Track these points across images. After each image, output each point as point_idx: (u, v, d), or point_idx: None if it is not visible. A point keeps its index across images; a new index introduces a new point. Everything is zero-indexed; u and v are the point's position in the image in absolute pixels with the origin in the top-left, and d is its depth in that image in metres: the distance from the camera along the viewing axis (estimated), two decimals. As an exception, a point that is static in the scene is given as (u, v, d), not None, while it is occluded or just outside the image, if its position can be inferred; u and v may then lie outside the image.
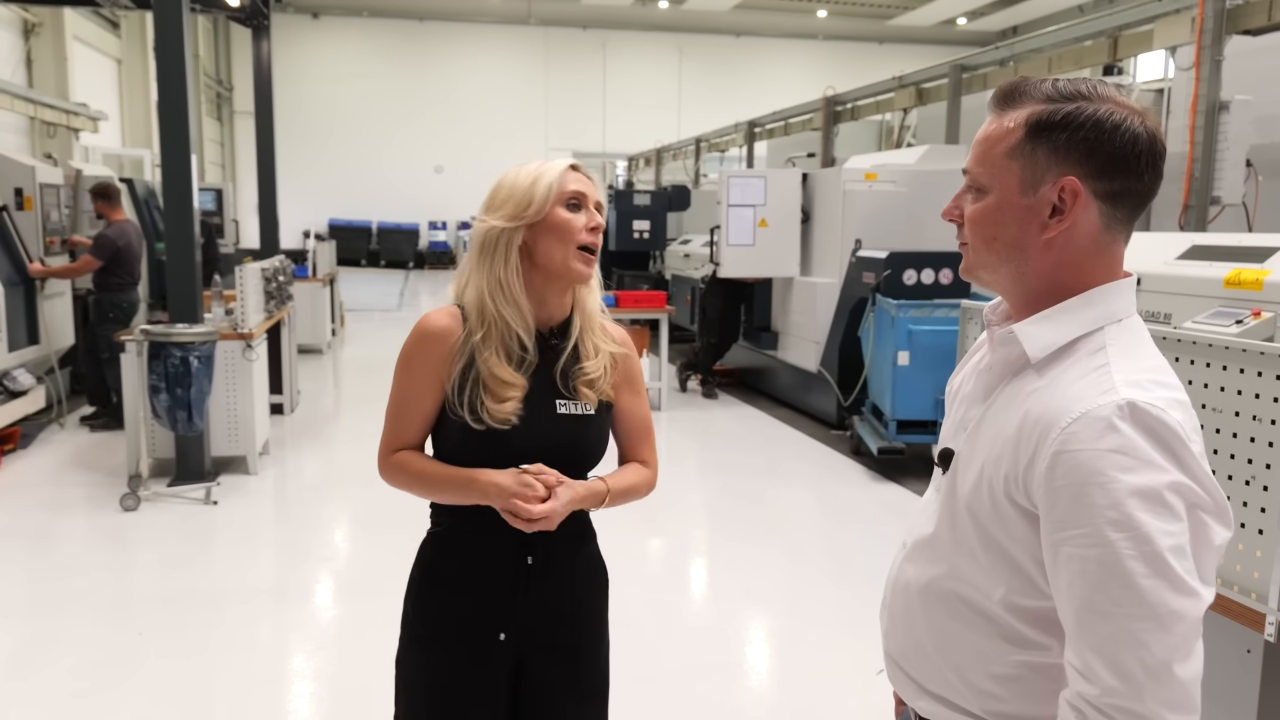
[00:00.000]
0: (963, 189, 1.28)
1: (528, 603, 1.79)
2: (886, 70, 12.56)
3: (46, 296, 7.20)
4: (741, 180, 8.10)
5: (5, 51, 13.37)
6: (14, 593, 4.48)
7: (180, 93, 5.80)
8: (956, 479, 1.27)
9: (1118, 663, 1.06)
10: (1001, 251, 1.23)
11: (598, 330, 1.82)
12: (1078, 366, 1.18)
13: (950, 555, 1.27)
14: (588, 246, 1.75)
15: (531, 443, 1.72)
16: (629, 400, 1.87)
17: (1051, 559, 1.13)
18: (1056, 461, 1.11)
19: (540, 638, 1.81)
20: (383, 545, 5.14)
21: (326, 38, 25.85)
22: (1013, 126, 1.21)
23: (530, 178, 1.77)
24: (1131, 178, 1.19)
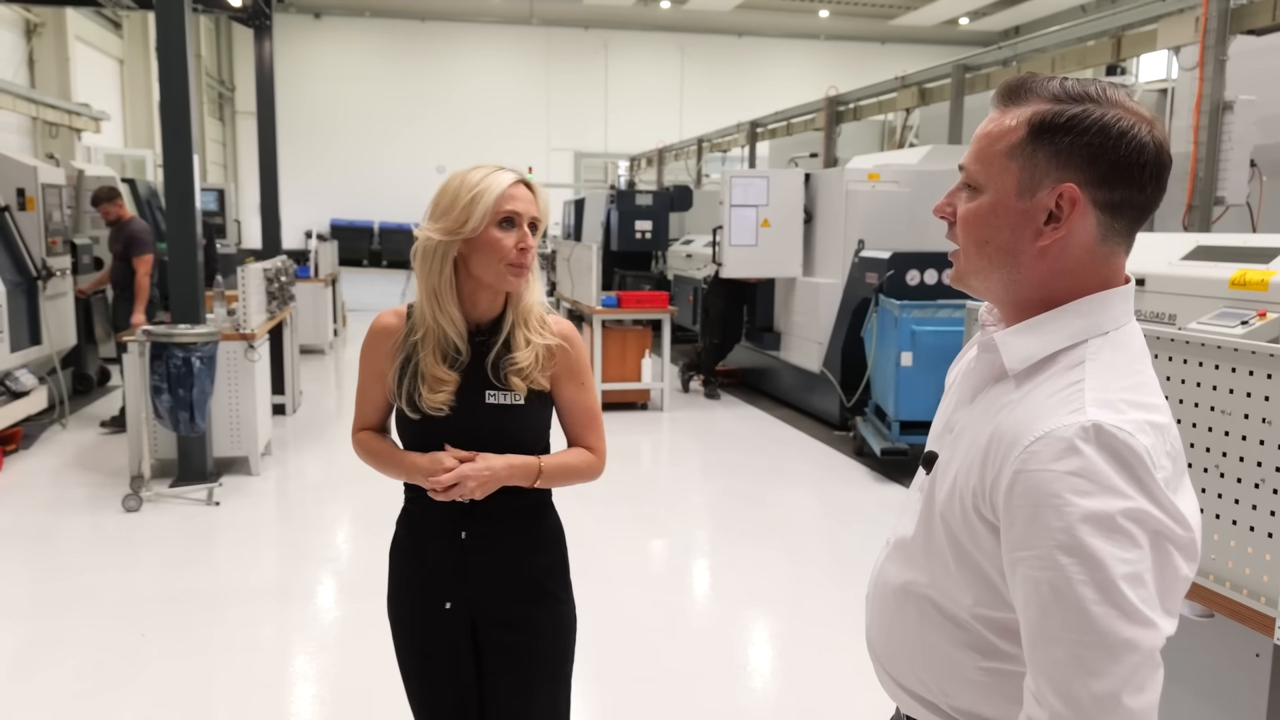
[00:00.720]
0: (958, 185, 1.23)
1: (471, 576, 1.97)
2: (889, 70, 12.55)
3: (49, 297, 7.20)
4: (744, 180, 8.08)
5: (7, 52, 13.37)
6: (17, 593, 4.48)
7: (182, 93, 5.79)
8: (935, 485, 1.24)
9: (1067, 689, 1.04)
10: (994, 256, 1.18)
11: (534, 323, 1.94)
12: (1052, 382, 1.14)
13: (925, 561, 1.25)
14: (520, 262, 1.88)
15: (462, 430, 1.89)
16: (570, 391, 1.99)
17: (1010, 577, 1.11)
18: (1016, 480, 1.08)
19: (491, 610, 1.99)
20: (384, 545, 5.11)
21: (328, 38, 25.86)
22: (1014, 124, 1.15)
23: (469, 194, 1.86)
24: (1134, 189, 1.14)
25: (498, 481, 1.88)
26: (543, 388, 1.94)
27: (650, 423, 8.02)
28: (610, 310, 7.98)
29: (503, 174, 1.89)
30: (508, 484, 1.90)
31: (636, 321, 8.21)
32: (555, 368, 1.96)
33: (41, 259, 7.19)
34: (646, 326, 8.21)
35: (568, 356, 1.97)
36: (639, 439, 7.67)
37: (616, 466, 7.56)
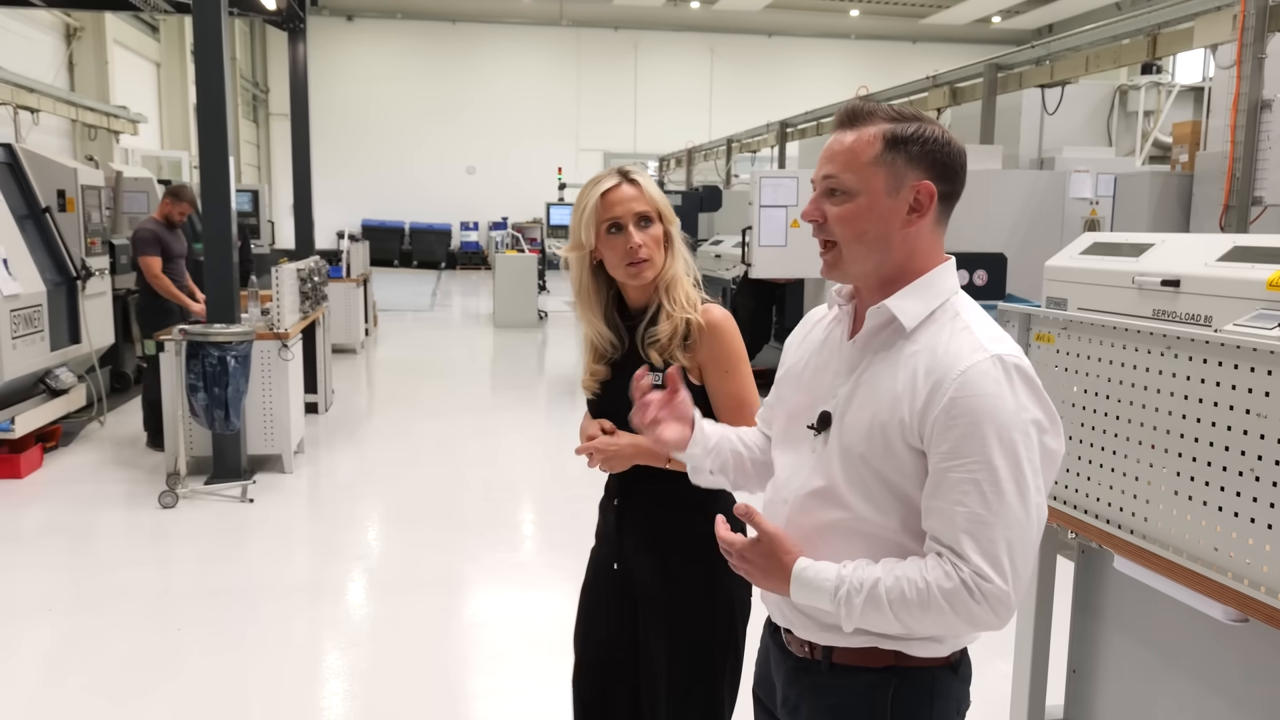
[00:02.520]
0: (821, 193, 1.50)
1: (623, 541, 2.19)
2: (920, 70, 12.46)
3: (88, 296, 7.32)
4: (774, 181, 8.06)
5: (48, 55, 13.61)
6: (57, 589, 4.56)
7: (219, 96, 5.87)
8: (842, 435, 1.49)
9: (994, 557, 1.36)
10: (871, 244, 1.47)
11: (679, 297, 2.07)
12: (944, 331, 1.44)
13: (848, 499, 1.49)
14: (636, 260, 2.05)
15: (614, 407, 2.06)
16: (714, 378, 2.08)
17: (936, 483, 1.39)
18: (953, 406, 1.37)
19: (640, 578, 2.17)
20: (415, 543, 5.18)
21: (360, 40, 26.08)
22: (871, 139, 1.45)
23: (578, 212, 2.10)
24: (957, 182, 1.49)
25: (624, 458, 2.05)
26: (679, 362, 2.03)
27: (679, 423, 8.02)
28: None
29: (600, 184, 2.08)
30: (637, 462, 2.05)
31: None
32: (700, 355, 2.06)
33: (81, 259, 7.31)
34: (675, 327, 8.21)
35: (708, 344, 2.06)
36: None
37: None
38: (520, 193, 26.19)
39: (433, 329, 14.70)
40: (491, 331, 13.96)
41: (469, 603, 4.50)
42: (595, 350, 2.16)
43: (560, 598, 4.56)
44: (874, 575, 1.43)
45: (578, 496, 6.16)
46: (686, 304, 2.06)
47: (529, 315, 14.34)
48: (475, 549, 5.14)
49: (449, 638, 4.10)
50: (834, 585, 1.44)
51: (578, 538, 5.31)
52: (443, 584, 4.68)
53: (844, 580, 1.44)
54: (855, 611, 1.43)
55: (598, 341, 2.14)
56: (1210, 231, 6.59)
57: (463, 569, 4.89)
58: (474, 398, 9.52)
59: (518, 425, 8.21)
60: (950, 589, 1.37)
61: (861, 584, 1.43)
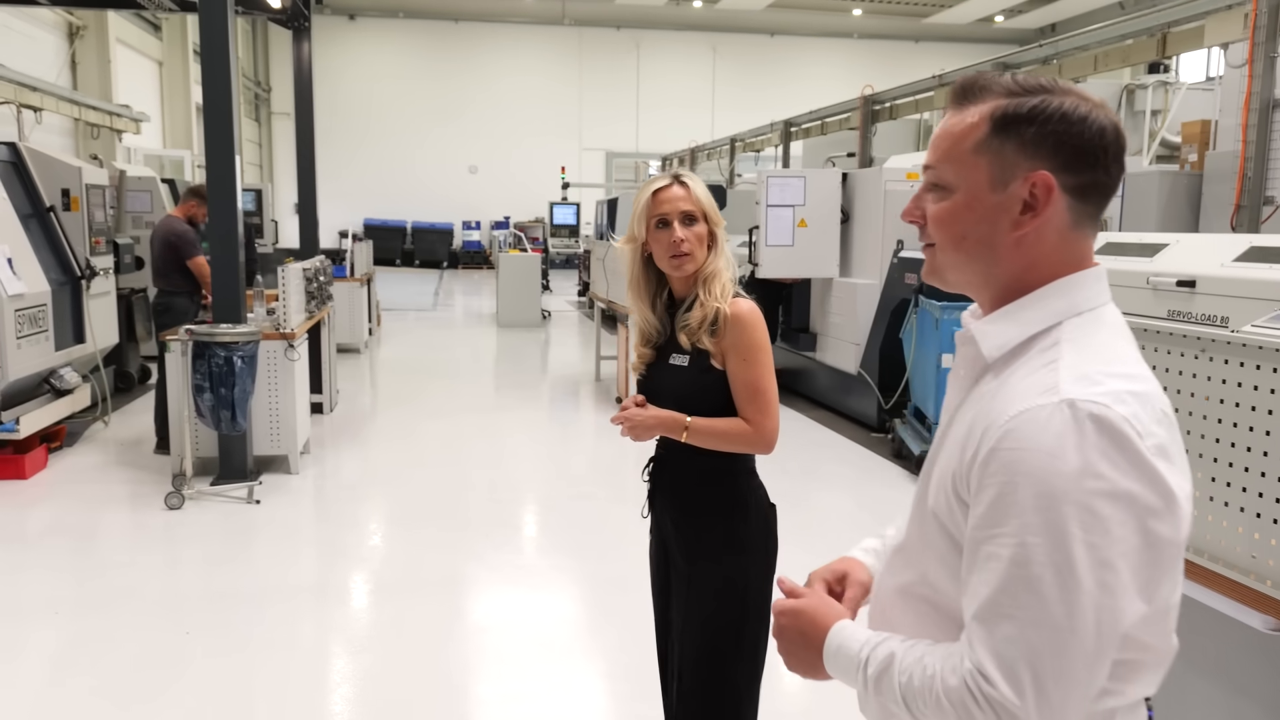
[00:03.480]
0: (923, 188, 1.24)
1: (657, 512, 2.42)
2: (923, 69, 12.43)
3: (93, 296, 7.29)
4: (780, 180, 8.04)
5: (51, 54, 13.58)
6: (62, 591, 4.53)
7: (225, 95, 5.84)
8: (926, 486, 1.24)
9: (1007, 661, 1.04)
10: (971, 250, 1.19)
11: (715, 289, 2.25)
12: (1028, 364, 1.14)
13: (919, 559, 1.25)
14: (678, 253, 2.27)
15: (652, 385, 2.34)
16: (734, 364, 2.25)
17: (969, 553, 1.10)
18: (990, 459, 1.08)
19: (673, 541, 2.36)
20: (421, 544, 5.15)
21: (363, 39, 26.07)
22: (976, 120, 1.17)
23: (634, 208, 2.33)
24: (1099, 170, 1.16)
25: (647, 429, 2.27)
26: (707, 348, 2.23)
27: (685, 423, 7.99)
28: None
29: (653, 184, 2.32)
30: (659, 433, 2.28)
31: (672, 322, 8.18)
32: (724, 342, 2.23)
33: (85, 259, 7.28)
34: (682, 327, 8.18)
35: (733, 333, 2.22)
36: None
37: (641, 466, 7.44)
38: (523, 192, 26.18)
39: (436, 328, 14.68)
40: (495, 331, 13.93)
41: (476, 605, 4.47)
42: (642, 334, 2.38)
43: (566, 599, 4.54)
44: (892, 650, 1.18)
45: (583, 495, 6.14)
46: (720, 296, 2.24)
47: (532, 315, 14.31)
48: (481, 550, 5.11)
49: (456, 640, 4.07)
50: (857, 652, 1.21)
51: (583, 539, 5.32)
52: (449, 586, 4.64)
53: (866, 647, 1.21)
54: (872, 690, 1.18)
55: (644, 327, 2.37)
56: (1220, 231, 6.56)
57: (469, 570, 4.86)
58: (478, 397, 9.49)
59: (522, 425, 8.18)
60: (954, 686, 1.08)
61: (878, 660, 1.18)
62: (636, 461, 2.50)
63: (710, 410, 2.26)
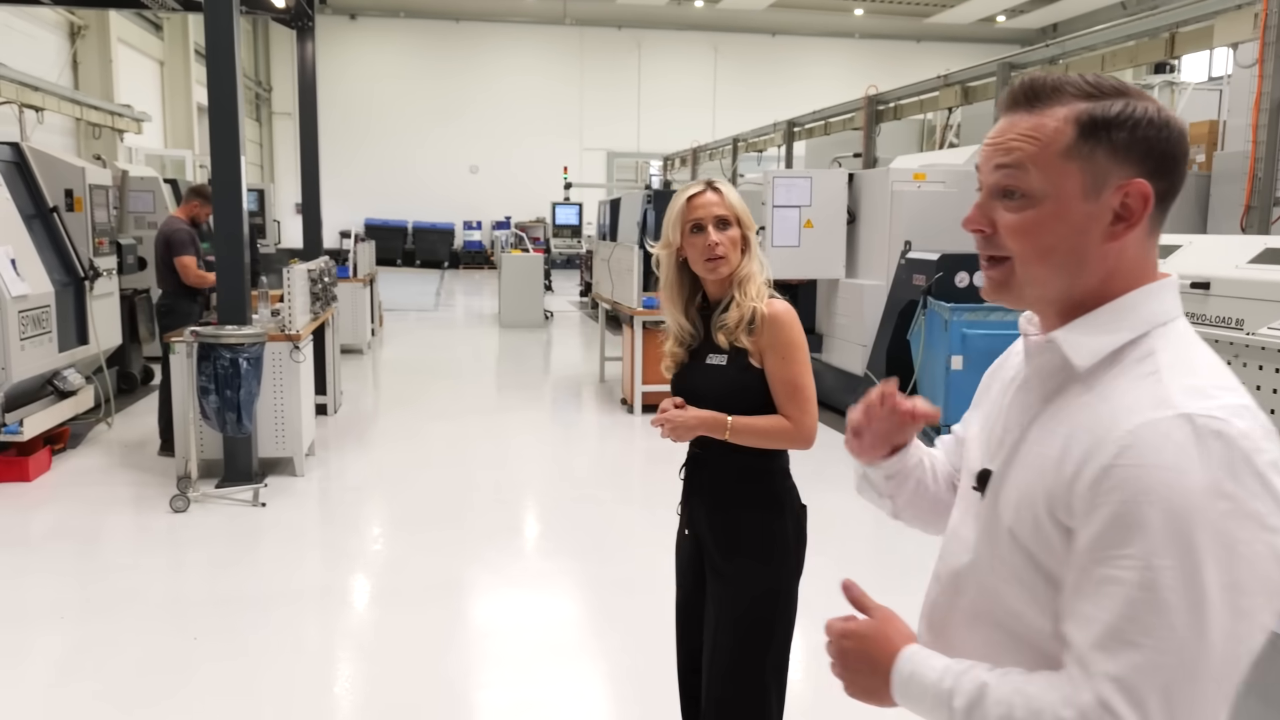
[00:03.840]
0: (988, 194, 1.15)
1: (693, 511, 2.41)
2: (924, 69, 12.40)
3: (96, 297, 7.26)
4: (786, 180, 8.01)
5: (52, 54, 13.54)
6: (66, 595, 4.50)
7: (230, 95, 5.81)
8: (998, 502, 1.17)
9: (1135, 693, 0.97)
10: (1059, 263, 1.12)
11: (751, 291, 2.30)
12: (1126, 375, 1.08)
13: (991, 582, 1.18)
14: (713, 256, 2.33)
15: (689, 385, 2.36)
16: (772, 362, 2.29)
17: (1081, 575, 1.04)
18: (1106, 476, 1.01)
19: (703, 543, 2.38)
20: (427, 547, 5.11)
21: (363, 39, 26.03)
22: (1059, 124, 1.10)
23: (669, 214, 2.37)
24: (1177, 177, 1.12)
25: (688, 428, 2.29)
26: (746, 349, 2.28)
27: (691, 425, 7.96)
28: (652, 311, 7.93)
29: (687, 190, 2.37)
30: (701, 433, 2.28)
31: (677, 323, 8.14)
32: (762, 341, 2.27)
33: (89, 259, 7.24)
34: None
35: (769, 333, 2.27)
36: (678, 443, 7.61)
37: (658, 470, 7.44)
38: (524, 192, 26.14)
39: (438, 329, 14.64)
40: (497, 331, 13.90)
41: (481, 609, 4.44)
42: (675, 337, 2.43)
43: (572, 603, 4.50)
44: (983, 680, 1.10)
45: (587, 498, 6.10)
46: (755, 296, 2.30)
47: (535, 315, 14.28)
48: (487, 553, 5.08)
49: (461, 645, 4.04)
50: (936, 681, 1.13)
51: (588, 541, 5.28)
52: (455, 590, 4.61)
53: (948, 675, 1.13)
54: None
55: (677, 331, 2.41)
56: (1229, 232, 6.53)
57: (474, 574, 4.82)
58: (482, 399, 9.46)
59: (526, 426, 8.15)
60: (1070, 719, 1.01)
61: (966, 690, 1.10)
62: (642, 463, 2.66)
63: (749, 408, 2.31)
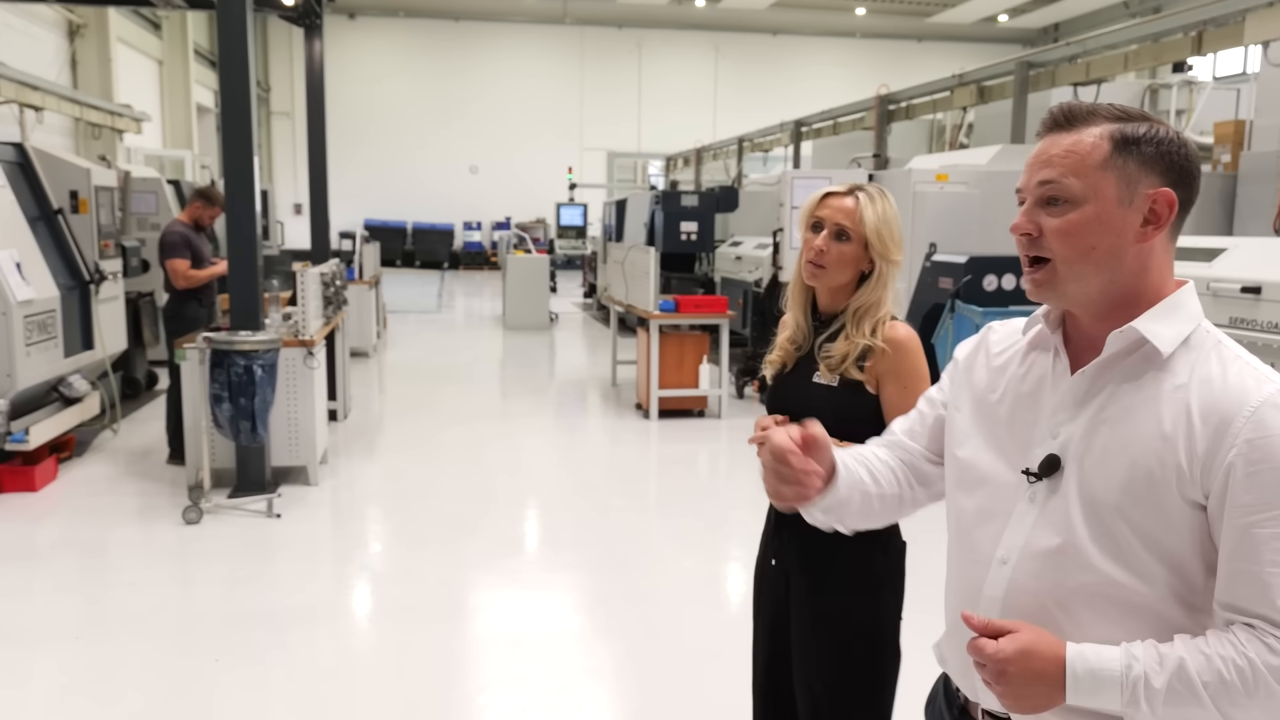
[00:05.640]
0: (1034, 203, 1.32)
1: (782, 542, 2.22)
2: (927, 68, 12.30)
3: (101, 300, 7.09)
4: (806, 181, 7.86)
5: (51, 53, 13.36)
6: (72, 612, 4.33)
7: (244, 95, 5.65)
8: (1086, 483, 1.29)
9: None
10: (1099, 261, 1.28)
11: (866, 323, 2.12)
12: (1210, 361, 1.26)
13: (1095, 560, 1.27)
14: (814, 261, 2.16)
15: (790, 401, 2.17)
16: (890, 390, 2.12)
17: (1236, 541, 1.18)
18: (1251, 450, 1.17)
19: (794, 578, 2.19)
20: (443, 561, 4.95)
21: (362, 38, 25.83)
22: (1096, 140, 1.28)
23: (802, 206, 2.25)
24: (1193, 189, 1.31)
25: None
26: (857, 379, 2.11)
27: (708, 430, 7.82)
28: (668, 315, 7.79)
29: (831, 186, 2.20)
30: None
31: (693, 326, 8.00)
32: (879, 368, 2.11)
33: (94, 262, 7.07)
34: (703, 332, 8.01)
35: (889, 359, 2.10)
36: (697, 447, 7.48)
37: (675, 473, 7.25)
38: (524, 192, 25.98)
39: (442, 331, 14.48)
40: (501, 334, 13.74)
41: (501, 623, 4.26)
42: (790, 335, 2.26)
43: (594, 617, 4.34)
44: (1175, 655, 1.18)
45: (607, 507, 5.95)
46: (870, 333, 2.11)
47: (540, 317, 14.12)
48: (506, 565, 4.93)
49: (482, 660, 3.88)
50: (1123, 670, 1.18)
51: (608, 553, 5.14)
52: (473, 604, 4.49)
53: (1135, 662, 1.19)
54: (1157, 702, 1.17)
55: (793, 329, 2.26)
56: (1257, 234, 6.40)
57: (493, 587, 4.68)
58: (491, 403, 9.30)
59: (538, 431, 8.00)
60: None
61: (1160, 666, 1.18)
62: (659, 469, 2.52)
63: (857, 435, 2.05)
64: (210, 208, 6.72)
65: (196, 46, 19.39)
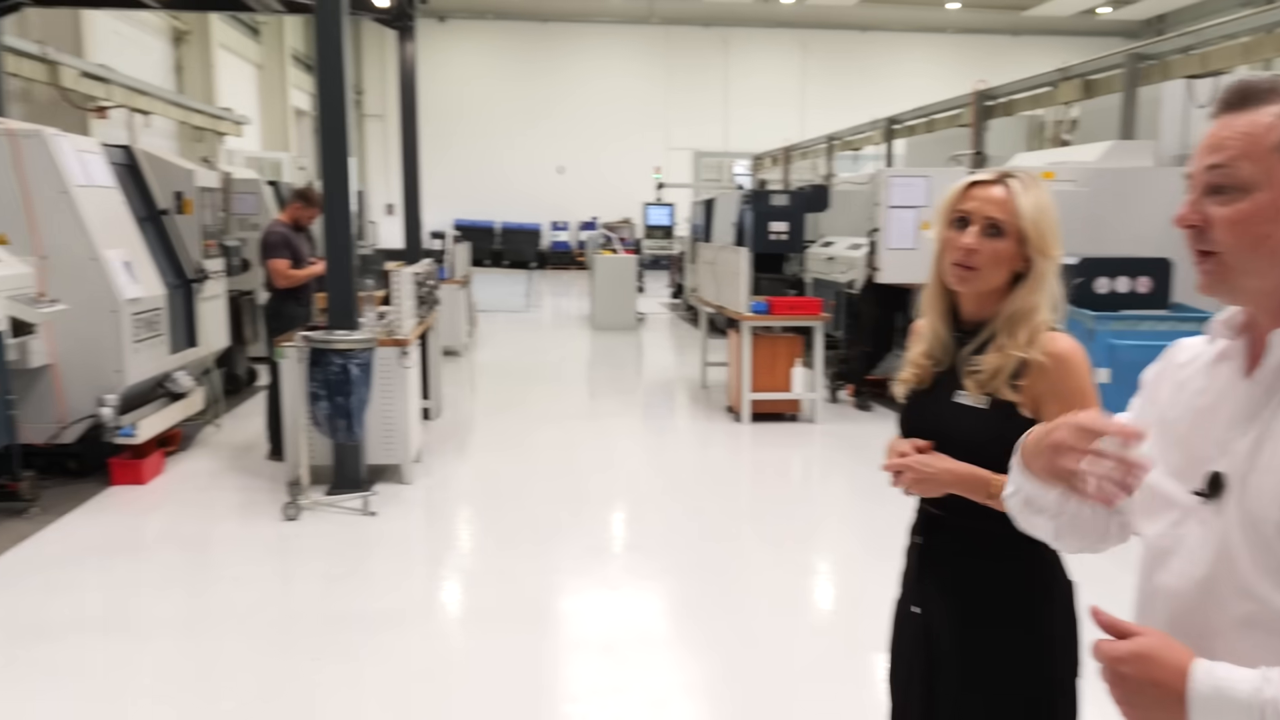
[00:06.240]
0: (1201, 191, 1.21)
1: (927, 588, 1.93)
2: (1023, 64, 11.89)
3: (204, 299, 7.27)
4: (903, 180, 7.66)
5: (157, 59, 13.83)
6: (180, 607, 4.42)
7: (339, 98, 5.71)
8: (1246, 502, 1.17)
9: None
10: (1273, 251, 1.17)
11: (1021, 334, 1.80)
12: None
13: (1256, 586, 1.16)
14: (962, 263, 1.83)
15: (928, 421, 1.88)
16: (1051, 414, 1.70)
17: None
18: None
19: (939, 629, 1.90)
20: (535, 564, 4.91)
21: (452, 41, 26.19)
22: (1272, 120, 1.16)
23: (942, 197, 1.92)
24: None
25: (938, 484, 1.81)
26: (1010, 400, 1.79)
27: (801, 435, 7.66)
28: (760, 317, 7.66)
29: (973, 176, 1.90)
30: (952, 490, 1.81)
31: (786, 328, 7.86)
32: (1038, 388, 1.78)
33: (198, 261, 7.26)
34: (796, 334, 7.85)
35: (1051, 376, 1.78)
36: (790, 452, 7.33)
37: (768, 479, 7.13)
38: (611, 192, 26.01)
39: (530, 331, 14.56)
40: (590, 333, 13.74)
41: (594, 629, 4.20)
42: (927, 347, 1.94)
43: (687, 626, 4.24)
44: None
45: (699, 512, 5.85)
46: (1027, 343, 1.79)
47: (627, 317, 14.09)
48: (598, 569, 4.89)
49: (577, 669, 3.83)
50: (1253, 693, 1.07)
51: (698, 556, 5.03)
52: (566, 608, 4.46)
53: (1268, 684, 1.07)
54: None
55: (931, 340, 1.94)
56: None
57: (585, 590, 4.65)
58: (581, 403, 9.29)
59: (628, 433, 7.95)
60: None
61: None
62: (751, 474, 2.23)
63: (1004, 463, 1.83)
64: (309, 208, 6.83)
65: (293, 52, 19.89)
